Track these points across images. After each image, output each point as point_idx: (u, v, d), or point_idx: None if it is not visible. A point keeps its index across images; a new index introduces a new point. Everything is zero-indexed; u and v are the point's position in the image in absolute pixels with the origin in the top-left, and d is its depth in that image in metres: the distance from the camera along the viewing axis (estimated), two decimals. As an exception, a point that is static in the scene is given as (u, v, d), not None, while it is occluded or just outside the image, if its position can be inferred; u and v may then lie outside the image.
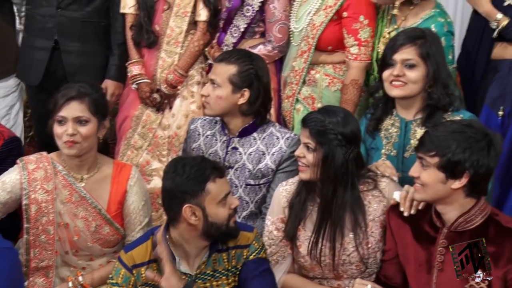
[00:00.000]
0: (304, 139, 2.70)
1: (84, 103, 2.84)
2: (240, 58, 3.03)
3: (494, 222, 2.50)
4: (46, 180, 2.87)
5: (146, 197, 3.00)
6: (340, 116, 2.73)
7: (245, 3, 3.54)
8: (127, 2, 3.65)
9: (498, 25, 3.29)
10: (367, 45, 3.39)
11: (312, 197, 2.76)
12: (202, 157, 2.64)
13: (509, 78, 3.31)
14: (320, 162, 2.66)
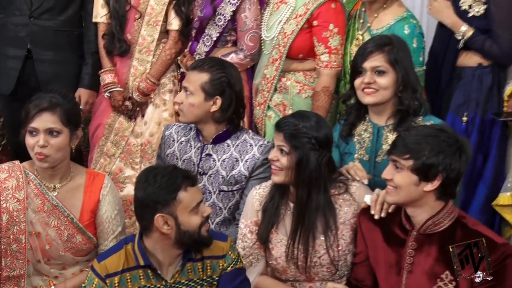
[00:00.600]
0: (278, 142, 2.71)
1: (56, 114, 2.81)
2: (213, 66, 3.04)
3: (461, 224, 2.53)
4: (18, 189, 2.85)
5: (119, 206, 2.98)
6: (313, 120, 2.75)
7: (217, 13, 3.54)
8: (99, 12, 3.64)
9: (464, 36, 3.37)
10: (337, 53, 3.42)
11: (285, 201, 2.78)
12: (174, 166, 2.63)
13: (473, 85, 3.39)
14: (294, 165, 2.68)
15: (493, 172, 3.38)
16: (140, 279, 2.55)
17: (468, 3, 3.38)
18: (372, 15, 3.44)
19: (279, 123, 2.75)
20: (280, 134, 2.72)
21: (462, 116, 3.32)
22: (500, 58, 3.37)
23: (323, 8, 3.41)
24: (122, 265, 2.56)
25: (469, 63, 3.42)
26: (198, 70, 3.01)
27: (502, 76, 3.41)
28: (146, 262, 2.53)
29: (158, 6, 3.58)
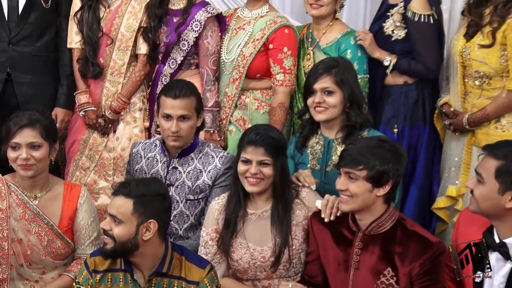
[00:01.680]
0: (258, 157, 2.75)
1: (36, 129, 2.87)
2: (192, 88, 3.13)
3: (401, 226, 2.60)
4: (0, 199, 2.88)
5: (94, 213, 3.05)
6: (276, 130, 2.91)
7: (181, 39, 3.55)
8: (73, 38, 3.65)
9: (390, 62, 3.47)
10: (291, 73, 3.50)
11: (243, 211, 2.86)
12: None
13: (400, 100, 3.49)
14: (276, 173, 2.77)
15: (423, 175, 3.47)
16: (120, 281, 2.58)
17: (391, 28, 3.49)
18: (320, 33, 3.57)
19: (253, 139, 2.77)
20: (259, 149, 2.77)
21: (393, 128, 3.42)
22: (426, 75, 3.48)
23: (277, 33, 3.49)
24: (108, 265, 2.59)
25: (396, 81, 3.51)
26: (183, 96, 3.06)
27: (425, 92, 3.51)
28: (126, 268, 2.57)
29: (128, 32, 3.60)
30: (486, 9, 3.30)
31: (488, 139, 3.24)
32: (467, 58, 3.33)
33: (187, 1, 3.55)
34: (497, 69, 3.26)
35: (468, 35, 3.33)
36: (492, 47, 3.23)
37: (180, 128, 3.03)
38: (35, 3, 3.62)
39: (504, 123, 3.29)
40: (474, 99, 3.37)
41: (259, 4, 3.57)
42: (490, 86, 3.31)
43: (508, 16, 3.20)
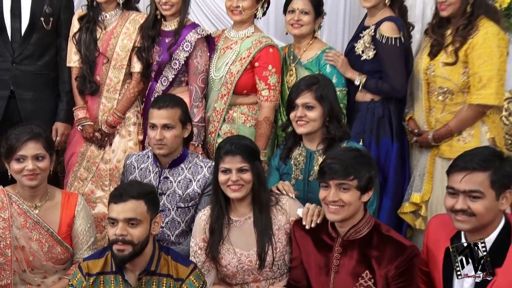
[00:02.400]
0: (237, 165, 2.79)
1: (40, 142, 2.92)
2: (177, 100, 3.17)
3: (377, 231, 2.65)
4: (2, 209, 2.91)
5: (91, 220, 3.07)
6: (247, 138, 2.99)
7: (173, 58, 3.56)
8: (72, 57, 3.68)
9: (360, 82, 3.53)
10: (275, 89, 3.54)
11: (227, 218, 2.89)
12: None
13: (367, 116, 3.55)
14: (254, 177, 2.82)
15: (394, 188, 3.52)
16: (111, 283, 2.64)
17: (361, 49, 3.55)
18: (301, 51, 3.64)
19: (229, 149, 2.81)
20: (237, 157, 2.80)
21: (359, 141, 3.46)
22: (392, 94, 3.53)
23: (263, 52, 3.54)
24: (100, 268, 2.64)
25: (364, 98, 3.58)
26: (169, 107, 3.10)
27: (391, 108, 3.56)
28: (117, 270, 2.62)
29: (123, 52, 3.63)
30: (447, 30, 3.37)
31: (451, 150, 3.32)
32: (432, 75, 3.39)
33: (179, 23, 3.58)
34: (459, 85, 3.32)
35: (432, 54, 3.39)
36: (455, 64, 3.30)
37: (164, 137, 3.07)
38: (37, 25, 3.65)
39: (465, 135, 3.35)
40: (438, 114, 3.42)
41: (245, 26, 3.61)
42: (452, 101, 3.37)
43: (469, 36, 3.27)
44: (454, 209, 2.42)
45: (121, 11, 3.67)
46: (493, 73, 3.21)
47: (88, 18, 3.65)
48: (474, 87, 3.25)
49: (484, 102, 3.24)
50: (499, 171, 2.38)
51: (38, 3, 3.65)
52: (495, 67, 3.21)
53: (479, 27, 3.26)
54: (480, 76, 3.22)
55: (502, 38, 3.25)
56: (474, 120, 3.32)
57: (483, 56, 3.21)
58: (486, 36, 3.22)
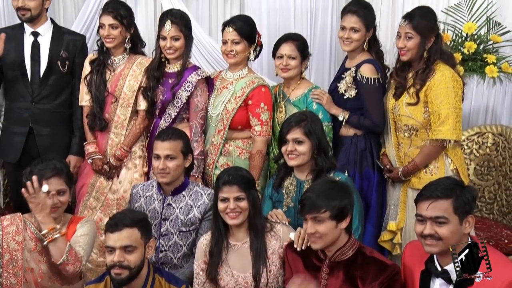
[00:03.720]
0: (234, 194, 2.82)
1: (62, 177, 2.95)
2: (179, 133, 3.22)
3: (361, 253, 2.69)
4: (17, 233, 2.91)
5: (93, 232, 3.01)
6: (243, 169, 3.02)
7: (175, 97, 3.60)
8: (83, 97, 3.74)
9: (344, 117, 3.59)
10: (267, 124, 3.60)
11: (225, 242, 2.91)
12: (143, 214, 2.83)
13: (351, 149, 3.60)
14: (250, 205, 2.84)
15: (376, 215, 3.56)
16: None
17: (343, 88, 3.60)
18: (290, 90, 3.70)
19: (227, 180, 2.83)
20: (234, 187, 2.83)
21: (345, 173, 3.46)
22: (373, 129, 3.59)
23: (255, 91, 3.60)
24: None
25: (348, 133, 3.63)
26: (172, 139, 3.14)
27: (372, 142, 3.61)
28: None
29: (130, 92, 3.68)
30: (409, 73, 3.46)
31: (420, 181, 3.37)
32: (397, 114, 3.47)
33: (181, 65, 3.63)
34: (422, 123, 3.40)
35: (396, 95, 3.47)
36: (416, 104, 3.38)
37: (166, 166, 3.10)
38: (54, 68, 3.73)
39: (432, 168, 3.41)
40: (406, 149, 3.49)
41: (239, 67, 3.67)
42: (417, 137, 3.44)
43: (427, 79, 3.35)
44: (423, 234, 2.47)
45: (128, 55, 3.74)
46: (449, 111, 3.29)
47: (99, 62, 3.71)
48: (434, 123, 3.33)
49: (443, 137, 3.32)
50: (461, 198, 2.45)
51: (56, 48, 3.74)
52: (451, 105, 3.29)
53: (436, 71, 3.34)
54: (439, 114, 3.31)
55: (456, 80, 3.34)
56: (437, 154, 3.38)
57: (440, 96, 3.30)
58: (442, 79, 3.31)
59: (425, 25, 3.35)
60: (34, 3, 3.66)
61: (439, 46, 3.39)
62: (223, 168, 3.54)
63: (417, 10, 3.46)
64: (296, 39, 3.67)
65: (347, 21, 3.56)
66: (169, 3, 4.14)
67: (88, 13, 4.16)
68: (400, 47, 3.42)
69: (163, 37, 3.60)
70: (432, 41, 3.37)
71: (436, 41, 3.38)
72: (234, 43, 3.58)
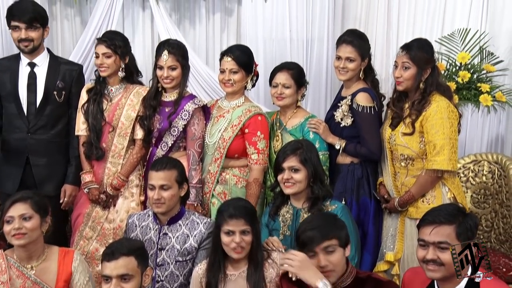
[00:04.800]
0: (240, 227, 2.81)
1: (27, 203, 2.89)
2: (173, 162, 3.22)
3: (358, 278, 2.70)
4: (1, 273, 2.87)
5: (89, 273, 3.04)
6: (246, 201, 3.04)
7: (172, 125, 3.62)
8: (80, 126, 3.74)
9: (340, 146, 3.61)
10: (263, 153, 3.61)
11: (224, 274, 2.90)
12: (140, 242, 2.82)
13: (348, 177, 3.63)
14: (254, 238, 2.85)
15: (373, 243, 3.57)
16: None
17: (340, 117, 3.65)
18: (286, 118, 3.73)
19: (232, 213, 2.82)
20: (240, 220, 2.82)
21: (342, 201, 3.49)
22: (370, 157, 3.61)
23: (252, 120, 3.63)
24: None
25: (345, 161, 3.66)
26: (167, 169, 3.14)
27: (369, 170, 3.63)
28: None
29: (127, 121, 3.70)
30: (405, 103, 3.51)
31: (417, 211, 3.40)
32: (394, 144, 3.50)
33: (178, 94, 3.66)
34: (417, 152, 3.43)
35: (393, 125, 3.51)
36: (412, 135, 3.42)
37: (161, 196, 3.10)
38: (51, 98, 3.74)
39: (429, 197, 3.43)
40: (403, 178, 3.51)
41: (236, 96, 3.70)
42: (414, 167, 3.46)
43: (423, 110, 3.39)
44: (425, 259, 2.47)
45: (125, 85, 3.76)
46: (445, 142, 3.32)
47: (96, 91, 3.73)
48: (430, 153, 3.36)
49: (438, 167, 3.34)
50: (463, 225, 2.46)
51: (52, 78, 3.76)
52: (446, 136, 3.32)
53: (432, 102, 3.38)
54: (434, 144, 3.34)
55: (451, 111, 3.38)
56: (432, 184, 3.40)
57: (435, 126, 3.34)
58: (437, 109, 3.35)
59: (422, 56, 3.40)
60: (36, 33, 3.69)
61: (435, 78, 3.44)
62: (220, 197, 3.62)
63: (415, 41, 3.52)
64: (291, 68, 3.71)
65: (342, 51, 3.61)
66: (166, 33, 4.21)
67: (86, 43, 4.22)
68: (396, 76, 3.46)
69: (160, 67, 3.63)
70: (428, 72, 3.42)
71: (432, 73, 3.43)
72: (232, 72, 3.62)
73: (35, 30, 3.69)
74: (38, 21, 3.70)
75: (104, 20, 4.21)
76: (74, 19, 4.46)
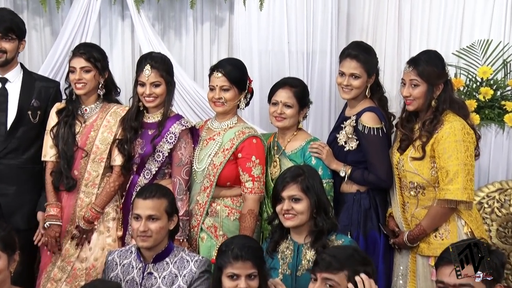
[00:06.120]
0: (247, 271, 2.85)
1: None
2: (164, 190, 3.24)
3: None
4: None
5: None
6: (252, 239, 3.13)
7: (156, 150, 3.66)
8: (47, 151, 3.79)
9: (345, 173, 3.66)
10: (259, 180, 3.66)
11: None
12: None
13: (354, 208, 3.67)
14: (261, 284, 2.88)
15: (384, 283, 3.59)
16: None
17: (343, 139, 3.71)
18: (285, 141, 3.80)
19: (238, 254, 2.85)
20: (247, 262, 2.86)
21: (347, 235, 3.52)
22: (379, 185, 3.66)
23: (246, 143, 3.69)
24: None
25: (350, 190, 3.71)
26: (156, 197, 3.16)
27: (378, 200, 3.68)
28: None
29: (103, 145, 3.75)
30: (415, 124, 3.57)
31: (429, 247, 3.44)
32: (402, 170, 3.56)
33: (162, 114, 3.73)
34: (429, 180, 3.47)
35: (401, 149, 3.57)
36: (422, 159, 3.46)
37: (148, 228, 3.13)
38: (24, 119, 3.81)
39: (442, 231, 3.46)
40: (412, 209, 3.56)
41: (228, 116, 3.79)
42: (424, 196, 3.51)
43: (435, 131, 3.45)
44: None
45: (101, 104, 3.84)
46: (459, 168, 3.35)
47: (67, 112, 3.80)
48: (442, 181, 3.40)
49: (452, 197, 3.37)
50: (488, 264, 2.46)
51: (26, 96, 3.84)
52: (461, 161, 3.36)
53: (444, 122, 3.44)
54: (447, 170, 3.38)
55: (467, 132, 3.42)
56: (446, 216, 3.43)
57: (448, 150, 3.38)
58: (450, 131, 3.39)
59: (432, 71, 3.46)
60: (11, 45, 3.80)
61: (448, 94, 3.50)
62: (210, 231, 3.67)
63: (422, 54, 3.58)
64: (294, 85, 3.80)
65: (346, 67, 3.69)
66: (149, 45, 4.31)
67: (57, 56, 4.31)
68: (405, 95, 3.54)
69: (142, 83, 3.71)
70: (440, 88, 3.49)
71: (445, 89, 3.49)
72: (222, 89, 3.70)
73: (10, 41, 3.79)
74: (14, 32, 3.79)
75: (78, 30, 4.30)
76: (44, 30, 4.57)
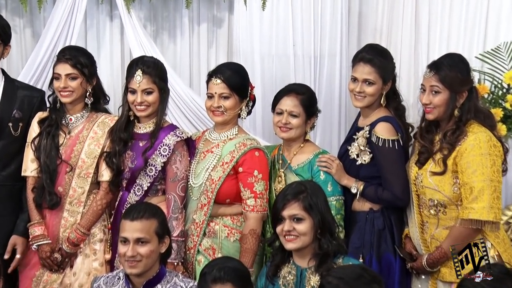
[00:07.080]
0: None
1: None
2: (153, 210, 3.25)
3: None
4: None
5: None
6: (235, 260, 3.16)
7: (148, 163, 3.71)
8: (28, 166, 3.84)
9: (357, 189, 3.68)
10: (262, 197, 3.69)
11: None
12: None
13: (366, 228, 3.69)
14: None
15: None
16: None
17: (355, 152, 3.74)
18: (291, 154, 3.85)
19: (215, 277, 2.89)
20: (227, 285, 2.88)
21: (359, 258, 3.58)
22: (394, 203, 3.70)
23: (247, 156, 3.72)
24: None
25: (362, 208, 3.74)
26: (144, 218, 3.17)
27: (393, 219, 3.71)
28: None
29: (89, 159, 3.80)
30: (436, 135, 3.62)
31: (452, 272, 3.39)
32: (420, 186, 3.60)
33: (155, 124, 3.79)
34: (450, 197, 3.50)
35: (420, 163, 3.61)
36: (444, 174, 3.49)
37: (137, 253, 3.16)
38: (4, 131, 3.86)
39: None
40: (432, 230, 3.58)
41: (228, 127, 3.84)
42: (446, 215, 3.53)
43: (457, 143, 3.47)
44: None
45: (88, 113, 3.89)
46: (484, 184, 3.37)
47: (50, 122, 3.85)
48: (466, 199, 3.42)
49: (477, 217, 3.38)
50: None
51: (7, 107, 3.89)
52: (486, 177, 3.37)
53: (468, 133, 3.46)
54: (471, 187, 3.39)
55: (494, 145, 3.44)
56: (470, 238, 3.41)
57: (473, 165, 3.39)
58: (475, 143, 3.41)
59: (455, 77, 3.49)
60: None
61: (473, 103, 3.53)
62: (207, 253, 3.71)
63: (445, 58, 3.61)
64: (301, 92, 3.86)
65: (360, 72, 3.74)
66: (140, 49, 4.37)
67: (38, 61, 4.36)
68: (424, 103, 3.58)
69: (132, 90, 3.77)
70: (464, 96, 3.52)
71: (469, 97, 3.52)
72: (222, 97, 3.75)
73: None
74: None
75: (62, 32, 4.36)
76: (24, 31, 4.62)
